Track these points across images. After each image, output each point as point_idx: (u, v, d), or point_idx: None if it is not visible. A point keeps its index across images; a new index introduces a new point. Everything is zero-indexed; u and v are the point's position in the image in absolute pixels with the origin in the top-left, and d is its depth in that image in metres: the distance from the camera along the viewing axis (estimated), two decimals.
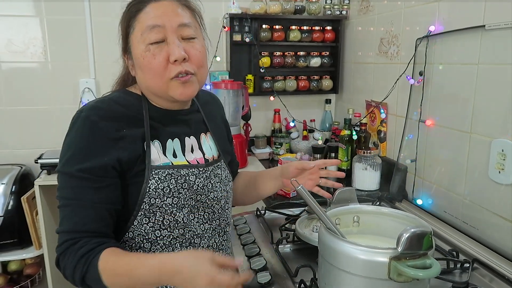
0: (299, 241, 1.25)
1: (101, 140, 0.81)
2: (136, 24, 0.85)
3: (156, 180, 0.85)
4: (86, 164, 0.80)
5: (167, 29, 0.84)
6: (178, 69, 0.84)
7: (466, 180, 1.36)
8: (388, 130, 1.86)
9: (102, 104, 0.86)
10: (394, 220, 0.97)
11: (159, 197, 0.85)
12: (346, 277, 0.81)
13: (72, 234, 0.79)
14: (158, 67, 0.84)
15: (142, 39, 0.84)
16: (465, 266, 1.11)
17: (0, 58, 2.03)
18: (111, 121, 0.83)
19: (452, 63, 1.42)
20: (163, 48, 0.84)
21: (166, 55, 0.84)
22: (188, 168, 0.90)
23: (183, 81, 0.85)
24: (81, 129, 0.82)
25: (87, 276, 0.76)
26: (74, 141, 0.82)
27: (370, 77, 2.03)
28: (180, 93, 0.87)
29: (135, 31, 0.85)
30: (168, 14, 0.84)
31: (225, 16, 2.19)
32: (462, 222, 1.37)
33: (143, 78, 0.87)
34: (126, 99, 0.90)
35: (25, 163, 2.08)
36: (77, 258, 0.77)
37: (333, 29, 2.29)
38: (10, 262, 2.08)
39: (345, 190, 1.01)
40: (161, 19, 0.83)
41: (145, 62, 0.84)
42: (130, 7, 0.87)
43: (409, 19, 1.67)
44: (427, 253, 0.77)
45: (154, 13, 0.84)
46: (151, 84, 0.87)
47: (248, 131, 2.26)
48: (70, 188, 0.81)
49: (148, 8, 0.84)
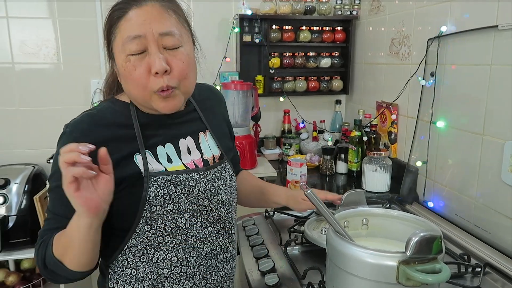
0: (307, 243, 1.25)
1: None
2: (117, 32, 0.81)
3: (155, 188, 0.84)
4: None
5: (148, 39, 0.79)
6: (160, 83, 0.81)
7: (478, 183, 1.34)
8: (398, 132, 1.84)
9: (88, 118, 0.85)
10: (404, 223, 0.96)
11: (159, 204, 0.84)
12: (354, 280, 0.80)
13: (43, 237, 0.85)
14: (139, 78, 0.81)
15: (122, 49, 0.80)
16: (476, 271, 1.09)
17: (14, 60, 2.06)
18: (96, 133, 0.82)
19: (464, 64, 1.40)
20: (144, 59, 0.80)
21: (147, 67, 0.80)
22: (188, 173, 0.89)
23: (165, 96, 0.82)
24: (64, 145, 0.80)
25: (46, 257, 0.81)
26: (57, 157, 0.81)
27: (381, 78, 2.01)
28: (163, 106, 0.84)
29: (116, 39, 0.82)
30: (150, 22, 0.79)
31: (235, 17, 2.19)
32: (474, 226, 1.35)
33: (126, 88, 0.85)
34: (114, 109, 0.88)
35: (38, 162, 2.10)
36: (38, 246, 0.83)
37: (343, 30, 2.28)
38: (23, 260, 2.11)
39: (354, 192, 1.00)
40: (142, 28, 0.79)
41: (125, 73, 0.81)
42: (112, 12, 0.83)
43: (421, 19, 1.65)
44: (436, 258, 0.76)
45: (135, 21, 0.79)
46: (134, 94, 0.85)
47: (258, 132, 2.26)
48: (52, 200, 0.85)
49: (130, 14, 0.80)
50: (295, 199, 1.17)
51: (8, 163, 2.08)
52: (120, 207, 0.84)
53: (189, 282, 0.91)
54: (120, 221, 0.86)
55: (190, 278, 0.91)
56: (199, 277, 0.92)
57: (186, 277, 0.91)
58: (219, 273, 0.97)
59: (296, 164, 1.69)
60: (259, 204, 1.24)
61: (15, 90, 2.09)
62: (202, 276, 0.93)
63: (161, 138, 0.90)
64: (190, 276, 0.91)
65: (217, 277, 0.96)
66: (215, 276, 0.95)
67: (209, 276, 0.94)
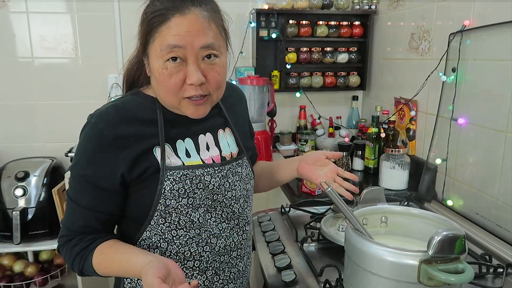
0: (324, 240, 1.23)
1: (106, 149, 0.81)
2: (156, 36, 0.80)
3: (171, 181, 0.84)
4: (88, 172, 0.83)
5: (188, 51, 0.79)
6: (192, 92, 0.82)
7: (500, 181, 1.31)
8: (417, 128, 1.81)
9: (113, 110, 0.85)
10: (424, 222, 0.94)
11: (174, 198, 0.85)
12: (374, 279, 0.79)
13: (68, 231, 0.86)
14: (173, 87, 0.81)
15: (160, 54, 0.80)
16: (498, 271, 1.07)
17: (34, 54, 2.09)
18: (119, 129, 0.83)
19: (487, 59, 1.36)
20: (181, 69, 0.80)
21: (183, 76, 0.80)
22: (203, 168, 0.89)
23: (196, 103, 0.84)
24: (88, 135, 0.83)
25: (84, 270, 0.86)
26: (81, 146, 0.84)
27: (399, 74, 1.98)
28: (192, 112, 0.86)
29: (155, 42, 0.80)
30: (192, 34, 0.78)
31: (251, 12, 2.18)
32: (496, 225, 1.32)
33: (157, 90, 0.86)
34: (139, 103, 0.88)
35: (56, 156, 2.14)
36: (74, 256, 0.85)
37: (361, 24, 2.24)
38: (41, 252, 2.15)
39: (373, 189, 0.99)
40: (184, 39, 0.78)
41: (161, 78, 0.81)
42: (153, 16, 0.80)
43: (442, 13, 1.61)
44: (459, 257, 0.74)
45: (176, 31, 0.78)
46: (164, 97, 0.85)
47: (273, 127, 2.25)
48: (73, 188, 0.86)
49: (172, 22, 0.78)
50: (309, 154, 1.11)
51: (28, 156, 2.11)
52: (137, 200, 0.86)
53: (202, 276, 0.91)
54: (136, 213, 0.87)
55: (202, 272, 0.91)
56: (212, 272, 0.92)
57: (198, 272, 0.91)
58: (232, 270, 0.96)
59: None
60: (270, 183, 1.18)
61: (34, 85, 2.12)
62: (215, 272, 0.93)
63: (181, 133, 0.90)
64: (202, 271, 0.91)
65: (230, 274, 0.96)
66: (228, 272, 0.95)
67: (222, 272, 0.94)
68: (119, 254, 0.83)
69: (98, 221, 0.86)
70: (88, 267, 0.85)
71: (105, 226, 0.88)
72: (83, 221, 0.85)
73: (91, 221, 0.85)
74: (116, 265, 0.83)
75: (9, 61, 2.08)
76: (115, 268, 0.83)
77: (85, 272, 0.86)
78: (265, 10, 2.11)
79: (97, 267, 0.84)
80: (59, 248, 0.89)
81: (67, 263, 0.87)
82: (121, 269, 0.82)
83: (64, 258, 0.88)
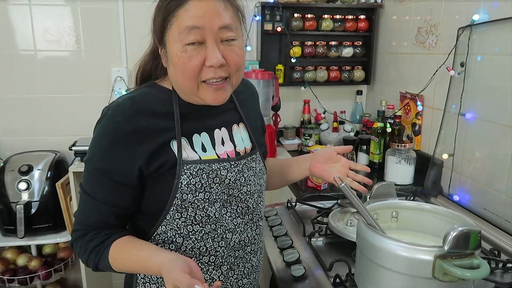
0: (331, 235, 1.23)
1: (123, 143, 0.81)
2: (174, 20, 0.80)
3: (188, 176, 0.84)
4: (104, 165, 0.82)
5: (206, 32, 0.79)
6: (212, 74, 0.81)
7: (508, 177, 1.30)
8: (423, 123, 1.80)
9: (130, 102, 0.84)
10: (436, 217, 0.94)
11: (191, 192, 0.84)
12: (387, 274, 0.78)
13: (82, 225, 0.86)
14: (192, 70, 0.80)
15: (179, 38, 0.79)
16: (507, 266, 1.07)
17: (37, 47, 2.07)
18: (137, 121, 0.82)
19: (496, 54, 1.35)
20: (200, 51, 0.80)
21: (202, 59, 0.80)
22: (220, 162, 0.88)
23: (216, 87, 0.83)
24: (105, 128, 0.82)
25: (99, 265, 0.85)
26: (97, 139, 0.83)
27: (405, 68, 1.97)
28: (212, 99, 0.84)
29: (172, 27, 0.80)
30: (209, 15, 0.78)
31: (256, 5, 2.16)
32: (504, 220, 1.31)
33: (174, 76, 0.85)
34: (155, 95, 0.87)
35: (59, 150, 2.12)
36: (89, 251, 0.84)
37: (367, 18, 2.22)
38: (44, 246, 2.15)
39: (384, 184, 0.99)
40: (202, 20, 0.78)
41: (179, 62, 0.80)
42: (168, 2, 0.80)
43: (450, 7, 1.60)
44: (474, 253, 0.74)
45: (194, 13, 0.78)
46: (182, 83, 0.84)
47: (277, 121, 2.24)
48: (88, 182, 0.85)
49: (189, 5, 0.78)
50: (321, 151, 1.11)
51: (31, 150, 2.10)
52: (153, 194, 0.85)
53: (217, 272, 0.91)
54: (152, 207, 0.86)
55: (217, 268, 0.91)
56: (227, 268, 0.92)
57: (214, 267, 0.90)
58: (246, 265, 0.96)
59: None
60: (281, 182, 1.18)
61: (37, 78, 2.10)
62: (230, 267, 0.92)
63: (197, 127, 0.90)
64: (218, 266, 0.91)
65: (244, 269, 0.96)
66: (242, 267, 0.95)
67: (237, 267, 0.94)
68: (137, 251, 0.83)
69: (113, 216, 0.85)
70: (103, 263, 0.84)
71: (120, 220, 0.87)
72: (99, 215, 0.84)
73: (107, 216, 0.84)
74: (133, 262, 0.82)
75: (12, 54, 2.06)
76: (132, 264, 0.82)
77: (100, 268, 0.85)
78: (270, 4, 2.10)
79: (114, 262, 0.83)
80: (73, 243, 0.88)
81: (82, 258, 0.86)
82: (139, 265, 0.82)
83: (79, 253, 0.86)
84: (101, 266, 0.85)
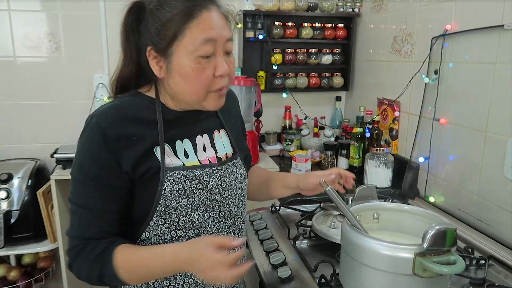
0: (315, 237, 1.27)
1: (110, 148, 0.81)
2: (187, 33, 0.80)
3: (171, 182, 0.85)
4: (93, 172, 0.82)
5: (218, 43, 0.83)
6: (222, 83, 0.86)
7: (480, 178, 1.38)
8: (400, 128, 1.87)
9: (113, 109, 0.85)
10: (414, 217, 0.99)
11: (174, 199, 0.86)
12: (371, 272, 0.82)
13: (81, 240, 0.84)
14: (206, 80, 0.84)
15: (193, 49, 0.81)
16: (480, 263, 1.12)
17: (16, 53, 2.05)
18: (121, 128, 0.83)
19: (468, 62, 1.43)
20: (210, 62, 0.83)
21: (213, 69, 0.84)
22: (202, 168, 0.90)
23: (221, 94, 0.88)
24: (91, 136, 0.82)
25: (104, 275, 0.82)
26: (83, 148, 0.83)
27: (382, 75, 2.04)
28: (215, 105, 0.89)
29: (184, 40, 0.81)
30: (219, 27, 0.83)
31: (238, 13, 2.20)
32: (476, 220, 1.38)
33: (183, 87, 0.85)
34: (138, 103, 0.89)
35: (40, 157, 2.10)
36: (92, 259, 0.82)
37: (345, 27, 2.30)
38: (24, 255, 2.11)
39: (366, 187, 1.03)
40: (215, 32, 0.82)
41: (194, 74, 0.82)
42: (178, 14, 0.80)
43: (424, 17, 1.68)
44: (450, 250, 0.79)
45: (207, 24, 0.81)
46: (191, 92, 0.85)
47: (260, 127, 2.28)
48: (78, 193, 0.84)
49: (202, 17, 0.81)
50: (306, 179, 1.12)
51: (10, 158, 2.07)
52: (137, 200, 0.86)
53: None
54: (136, 213, 0.87)
55: None
56: None
57: None
58: None
59: (301, 159, 1.71)
60: (268, 193, 1.20)
61: (16, 84, 2.08)
62: None
63: (180, 134, 0.92)
64: None
65: None
66: None
67: None
68: (144, 249, 0.83)
69: (112, 223, 0.85)
70: (109, 270, 0.81)
71: (119, 227, 0.87)
72: (97, 225, 0.83)
73: (106, 224, 0.84)
74: (144, 260, 0.81)
75: None
76: (142, 263, 0.81)
77: (104, 277, 0.82)
78: (252, 12, 2.14)
79: (122, 265, 0.81)
80: (71, 262, 0.84)
81: (83, 273, 0.83)
82: (151, 263, 0.81)
83: (80, 268, 0.83)
84: (106, 274, 0.82)
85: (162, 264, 0.81)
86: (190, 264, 0.78)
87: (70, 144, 2.07)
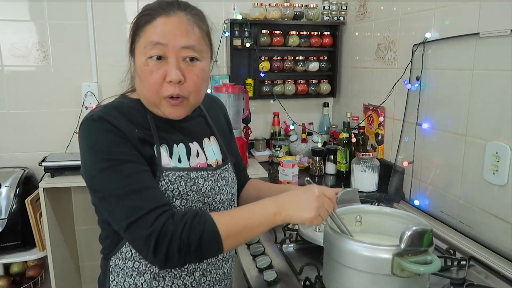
0: (301, 241, 1.29)
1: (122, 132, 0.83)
2: (142, 34, 0.86)
3: (166, 182, 0.87)
4: (120, 155, 0.81)
5: (169, 49, 0.84)
6: (171, 91, 0.85)
7: (461, 181, 1.42)
8: (385, 133, 1.91)
9: (112, 108, 0.88)
10: (395, 220, 1.02)
11: (168, 198, 0.87)
12: (352, 273, 0.85)
13: (163, 207, 0.80)
14: (154, 83, 0.85)
15: (144, 51, 0.85)
16: (461, 264, 1.16)
17: (3, 63, 2.05)
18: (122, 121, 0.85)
19: (448, 69, 1.47)
20: (162, 66, 0.85)
21: (163, 74, 0.85)
22: (198, 171, 0.92)
23: (173, 103, 0.87)
24: (100, 127, 0.83)
25: (205, 231, 0.78)
26: (98, 141, 0.82)
27: (367, 82, 2.08)
28: (169, 113, 0.89)
29: (140, 40, 0.86)
30: (174, 33, 0.84)
31: (225, 22, 2.23)
32: (458, 222, 1.42)
33: (140, 87, 0.89)
34: (129, 106, 0.91)
35: (28, 166, 2.10)
36: (191, 219, 0.79)
37: (331, 34, 2.34)
38: (12, 264, 2.09)
39: (349, 191, 1.06)
40: (166, 37, 0.84)
41: (143, 74, 0.86)
42: (140, 16, 0.87)
43: (406, 25, 1.72)
44: (427, 250, 0.82)
45: (160, 30, 0.84)
46: (146, 95, 0.88)
47: (248, 134, 2.30)
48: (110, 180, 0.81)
49: (157, 22, 0.84)
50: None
51: None
52: None
53: (190, 277, 0.94)
54: None
55: (190, 274, 0.94)
56: (199, 274, 0.96)
57: (187, 273, 0.94)
58: (218, 271, 1.00)
59: (288, 165, 1.74)
60: None
61: (4, 93, 2.08)
62: (202, 273, 0.96)
63: (174, 138, 0.93)
64: (190, 272, 0.94)
65: (216, 275, 1.00)
66: (214, 274, 0.99)
67: (209, 273, 0.98)
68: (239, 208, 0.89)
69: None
70: (211, 226, 0.79)
71: None
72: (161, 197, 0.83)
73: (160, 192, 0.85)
74: (242, 209, 0.86)
75: None
76: (241, 211, 0.85)
77: (204, 236, 0.78)
78: (239, 20, 2.17)
79: (225, 217, 0.82)
80: (157, 238, 0.76)
81: (184, 236, 0.77)
82: (249, 208, 0.85)
83: (171, 238, 0.77)
84: (207, 231, 0.79)
85: (261, 207, 0.85)
86: (292, 198, 0.85)
87: (58, 153, 2.07)
